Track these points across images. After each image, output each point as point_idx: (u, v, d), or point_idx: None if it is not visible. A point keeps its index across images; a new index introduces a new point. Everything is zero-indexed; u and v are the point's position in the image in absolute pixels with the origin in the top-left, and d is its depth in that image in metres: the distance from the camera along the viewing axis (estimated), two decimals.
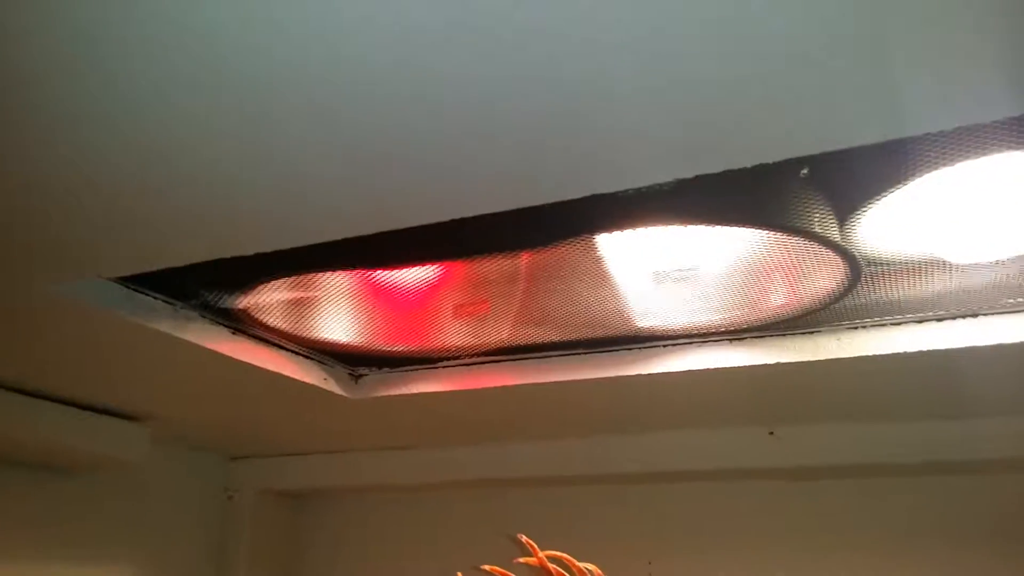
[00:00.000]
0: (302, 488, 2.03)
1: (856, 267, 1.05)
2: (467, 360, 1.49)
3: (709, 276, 1.26)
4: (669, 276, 1.28)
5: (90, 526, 1.79)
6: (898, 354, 1.23)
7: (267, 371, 1.39)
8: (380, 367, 1.56)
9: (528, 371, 1.44)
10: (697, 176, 0.87)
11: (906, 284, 1.18)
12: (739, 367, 1.32)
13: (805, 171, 0.92)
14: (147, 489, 1.89)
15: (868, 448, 1.49)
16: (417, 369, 1.53)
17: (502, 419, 1.64)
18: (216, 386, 1.48)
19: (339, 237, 0.95)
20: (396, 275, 1.32)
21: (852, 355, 1.25)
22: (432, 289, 1.37)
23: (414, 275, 1.33)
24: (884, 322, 1.25)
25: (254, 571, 2.03)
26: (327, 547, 2.10)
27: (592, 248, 1.20)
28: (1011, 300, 1.16)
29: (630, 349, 1.39)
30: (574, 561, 1.00)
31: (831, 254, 1.03)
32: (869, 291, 1.20)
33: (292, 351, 1.44)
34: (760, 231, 1.05)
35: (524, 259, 1.27)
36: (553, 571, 0.97)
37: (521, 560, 1.01)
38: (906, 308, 1.23)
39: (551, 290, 1.32)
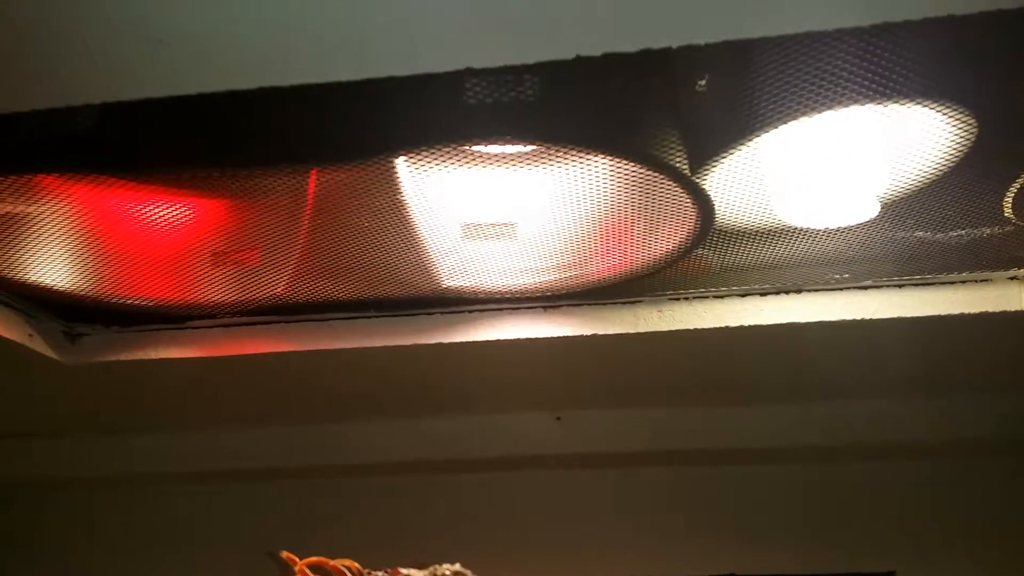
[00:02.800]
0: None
1: (708, 213, 0.93)
2: (227, 320, 1.21)
3: (528, 228, 1.10)
4: (482, 225, 1.11)
5: None
6: (722, 328, 1.14)
7: None
8: (107, 324, 1.23)
9: (304, 335, 1.21)
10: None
11: (736, 252, 1.10)
12: (553, 338, 1.17)
13: (703, 83, 0.79)
14: None
15: (687, 433, 1.41)
16: (158, 329, 1.23)
17: (265, 396, 1.37)
18: None
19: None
20: (139, 195, 1.03)
21: (674, 328, 1.15)
22: (187, 222, 1.09)
23: (164, 199, 1.05)
24: (707, 294, 1.16)
25: None
26: (25, 551, 1.67)
27: (393, 182, 0.99)
28: (837, 276, 1.12)
29: (430, 314, 1.20)
30: (329, 561, 0.83)
31: (682, 195, 0.90)
32: (703, 254, 1.10)
33: None
34: (605, 158, 0.89)
35: (307, 192, 1.04)
36: None
37: None
38: (731, 280, 1.15)
39: (339, 236, 1.09)
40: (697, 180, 0.92)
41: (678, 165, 0.87)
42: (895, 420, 1.37)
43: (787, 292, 1.14)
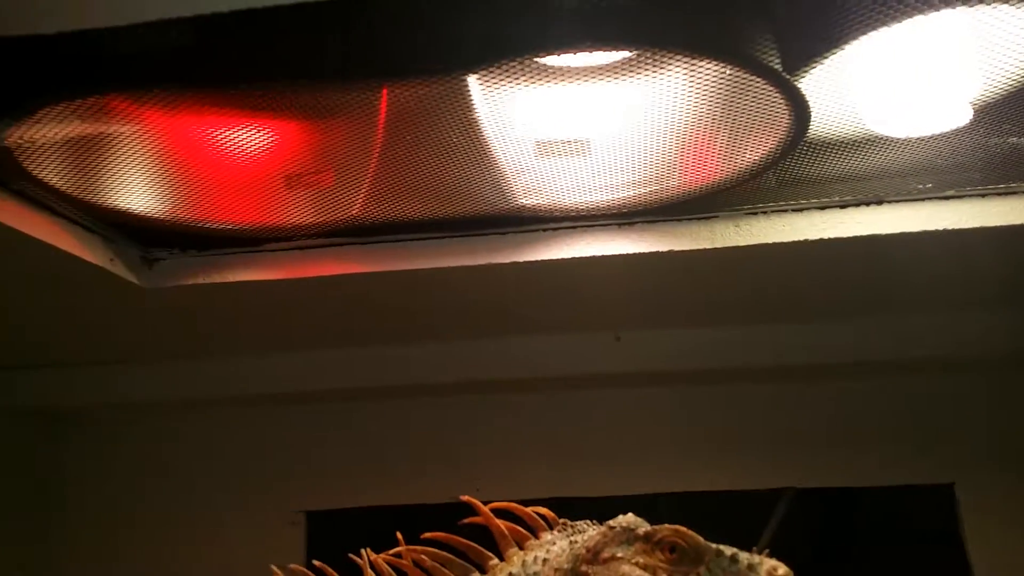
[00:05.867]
0: (68, 405, 1.64)
1: (803, 119, 0.91)
2: (302, 242, 1.22)
3: (604, 143, 1.08)
4: (556, 142, 1.09)
5: None
6: (799, 242, 1.13)
7: (32, 240, 1.04)
8: (184, 249, 1.24)
9: (378, 257, 1.21)
10: None
11: (818, 163, 1.08)
12: (624, 255, 1.17)
13: None
14: None
15: (763, 350, 1.42)
16: (234, 252, 1.24)
17: (339, 317, 1.39)
18: None
19: None
20: (216, 119, 1.03)
21: (751, 243, 1.14)
22: (262, 145, 1.09)
23: (239, 122, 1.04)
24: (785, 208, 1.15)
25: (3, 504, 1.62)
26: (93, 477, 1.72)
27: (465, 99, 0.98)
28: (919, 186, 1.10)
29: (504, 233, 1.19)
30: (519, 507, 0.82)
31: (779, 99, 0.88)
32: (778, 171, 1.09)
33: (68, 218, 1.10)
34: (698, 62, 0.87)
35: (380, 111, 1.03)
36: (504, 528, 0.78)
37: (466, 521, 0.81)
38: (810, 193, 1.13)
39: (412, 155, 1.09)
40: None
41: (774, 67, 0.85)
42: (972, 332, 1.36)
43: (867, 204, 1.13)
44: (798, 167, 1.07)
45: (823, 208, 1.14)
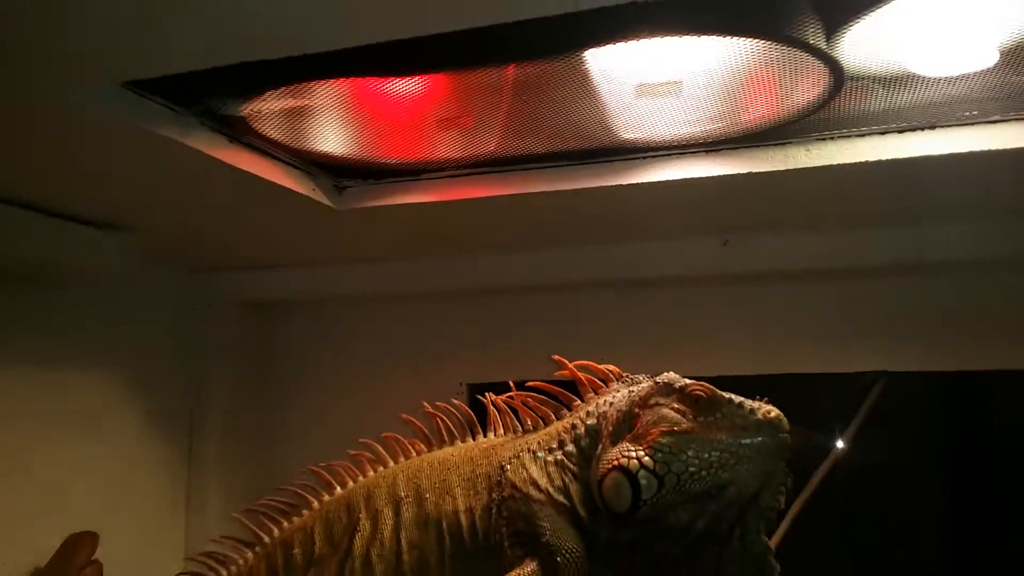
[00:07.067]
0: (279, 299, 2.09)
1: (839, 77, 1.12)
2: (452, 172, 1.54)
3: (692, 88, 1.32)
4: (653, 88, 1.33)
5: (63, 339, 1.78)
6: (862, 163, 1.33)
7: (259, 179, 1.41)
8: (365, 179, 1.59)
9: (512, 182, 1.51)
10: None
11: (874, 98, 1.27)
12: (714, 176, 1.40)
13: None
14: (121, 302, 1.89)
15: (835, 252, 1.63)
16: (401, 181, 1.58)
17: (484, 230, 1.72)
18: (206, 194, 1.50)
19: (348, 45, 0.97)
20: (385, 85, 1.34)
21: (820, 164, 1.35)
22: (418, 100, 1.40)
23: (402, 86, 1.35)
24: (850, 134, 1.34)
25: (227, 383, 2.10)
26: (301, 359, 2.19)
27: (579, 61, 1.24)
28: (967, 113, 1.26)
29: (611, 161, 1.46)
30: (595, 364, 1.13)
31: (818, 64, 1.10)
32: (840, 104, 1.28)
33: (283, 161, 1.47)
34: (750, 40, 1.10)
35: (510, 70, 1.30)
36: (584, 379, 1.10)
37: (557, 375, 1.13)
38: (871, 120, 1.32)
39: (536, 102, 1.36)
40: (832, 44, 1.11)
41: (813, 38, 1.07)
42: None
43: (922, 129, 1.30)
44: (857, 101, 1.26)
45: (883, 133, 1.32)
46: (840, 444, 1.90)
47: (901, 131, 1.32)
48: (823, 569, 1.94)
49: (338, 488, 1.17)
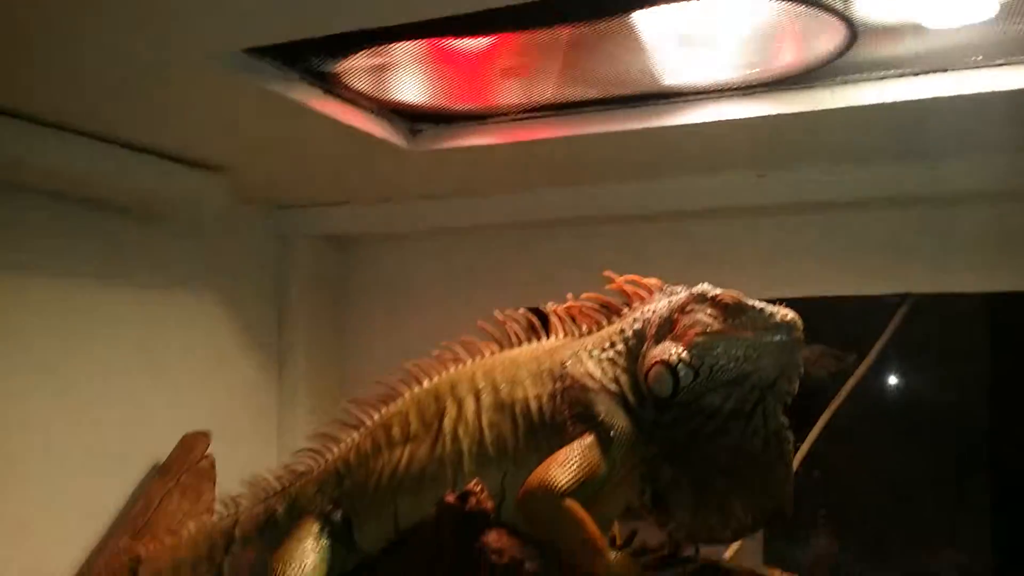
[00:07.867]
0: (358, 233, 2.34)
1: (853, 31, 1.29)
2: (515, 116, 1.73)
3: (727, 40, 1.49)
4: (693, 39, 1.50)
5: (166, 269, 2.03)
6: (883, 104, 1.49)
7: (345, 125, 1.62)
8: (436, 123, 1.79)
9: (568, 125, 1.69)
10: None
11: (890, 45, 1.42)
12: (750, 117, 1.58)
13: None
14: (217, 235, 2.13)
15: (859, 183, 1.80)
16: (469, 124, 1.78)
17: (542, 168, 1.92)
18: (299, 140, 1.73)
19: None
20: (456, 44, 1.53)
21: (843, 105, 1.51)
22: (485, 55, 1.58)
23: (471, 44, 1.54)
24: (871, 78, 1.50)
25: (310, 307, 2.36)
26: (375, 286, 2.42)
27: (627, 18, 1.41)
28: (976, 58, 1.42)
29: (656, 104, 1.63)
30: (641, 278, 1.32)
31: (834, 20, 1.27)
32: (860, 51, 1.44)
33: (367, 108, 1.67)
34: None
35: (566, 30, 1.48)
36: (630, 291, 1.30)
37: (608, 288, 1.32)
38: (890, 65, 1.48)
39: (589, 54, 1.54)
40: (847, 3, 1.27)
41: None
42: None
43: (935, 71, 1.46)
44: (874, 49, 1.42)
45: (901, 76, 1.48)
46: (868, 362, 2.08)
47: (916, 74, 1.47)
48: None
49: (426, 381, 1.40)
